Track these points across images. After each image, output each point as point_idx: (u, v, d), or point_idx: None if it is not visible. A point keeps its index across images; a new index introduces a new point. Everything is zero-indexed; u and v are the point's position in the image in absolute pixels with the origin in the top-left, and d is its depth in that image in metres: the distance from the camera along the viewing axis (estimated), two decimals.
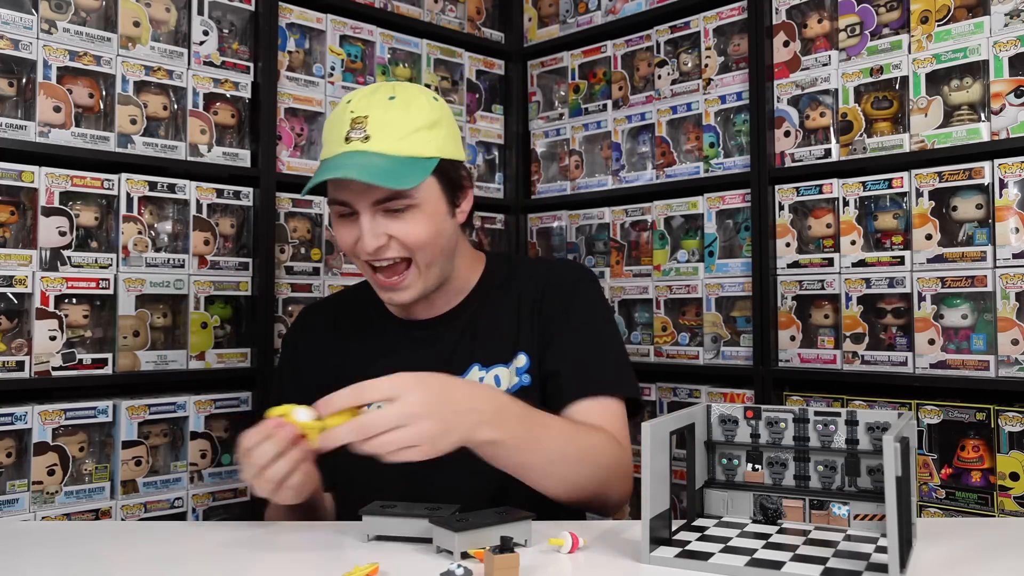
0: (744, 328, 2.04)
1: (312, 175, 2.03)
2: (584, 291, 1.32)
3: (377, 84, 1.24)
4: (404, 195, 1.16)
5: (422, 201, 1.18)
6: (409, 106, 1.18)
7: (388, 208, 1.17)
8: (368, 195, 1.16)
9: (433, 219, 1.20)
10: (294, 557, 0.99)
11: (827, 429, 1.05)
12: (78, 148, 1.71)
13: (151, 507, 1.77)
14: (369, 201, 1.16)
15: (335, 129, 1.19)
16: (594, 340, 1.28)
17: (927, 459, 1.71)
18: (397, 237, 1.18)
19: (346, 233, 1.21)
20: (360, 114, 1.16)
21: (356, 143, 1.15)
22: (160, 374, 1.81)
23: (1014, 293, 1.62)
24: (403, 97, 1.19)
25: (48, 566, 0.96)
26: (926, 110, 1.76)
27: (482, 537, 0.93)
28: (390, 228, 1.18)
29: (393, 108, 1.17)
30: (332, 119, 1.21)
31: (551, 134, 2.49)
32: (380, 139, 1.15)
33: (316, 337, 1.39)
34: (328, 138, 1.21)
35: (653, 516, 0.92)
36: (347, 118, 1.17)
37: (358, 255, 1.22)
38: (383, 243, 1.18)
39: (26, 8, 1.67)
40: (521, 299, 1.31)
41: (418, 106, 1.19)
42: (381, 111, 1.17)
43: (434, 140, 1.19)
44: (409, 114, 1.18)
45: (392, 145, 1.15)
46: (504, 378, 1.27)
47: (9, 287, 1.61)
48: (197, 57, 1.89)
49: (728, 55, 2.12)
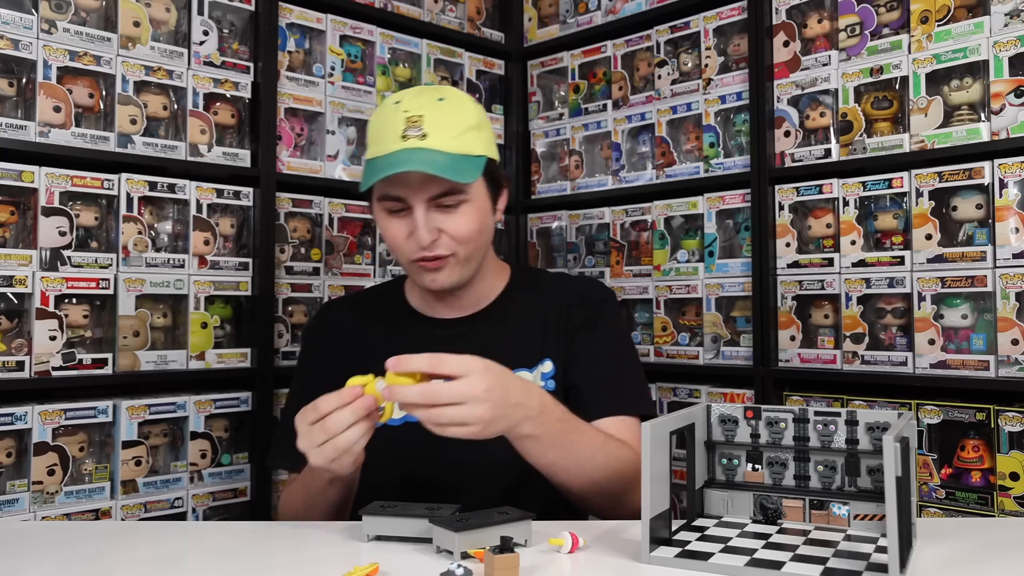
0: (744, 328, 2.04)
1: (311, 174, 2.06)
2: (610, 311, 1.39)
3: (421, 87, 1.30)
4: (458, 190, 1.22)
5: (472, 197, 1.24)
6: (457, 107, 1.25)
7: (441, 203, 1.22)
8: (425, 190, 1.21)
9: (480, 215, 1.26)
10: (294, 557, 0.99)
11: (827, 429, 1.05)
12: (78, 148, 1.71)
13: (151, 507, 1.77)
14: (425, 196, 1.21)
15: (388, 128, 1.22)
16: (618, 360, 1.35)
17: (927, 459, 1.71)
18: (447, 231, 1.23)
19: (397, 228, 1.25)
20: (415, 113, 1.21)
21: (414, 140, 1.19)
22: (160, 374, 1.81)
23: (1014, 293, 1.62)
24: (450, 99, 1.25)
25: (48, 566, 0.96)
26: (926, 110, 1.76)
27: (482, 537, 0.94)
28: (441, 223, 1.23)
29: (444, 108, 1.23)
30: (382, 119, 1.25)
31: (551, 134, 2.49)
32: (437, 137, 1.20)
33: (339, 330, 1.41)
34: (379, 137, 1.24)
35: (653, 516, 0.92)
36: (401, 117, 1.21)
37: (404, 250, 1.26)
38: (436, 236, 1.23)
39: (26, 8, 1.67)
40: (548, 307, 1.36)
41: (465, 107, 1.26)
42: (433, 111, 1.22)
43: (481, 140, 1.25)
44: (459, 114, 1.24)
45: (448, 143, 1.20)
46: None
47: (9, 287, 1.61)
48: (197, 57, 1.90)
49: (728, 55, 2.12)
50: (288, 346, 2.02)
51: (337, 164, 2.14)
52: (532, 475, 1.29)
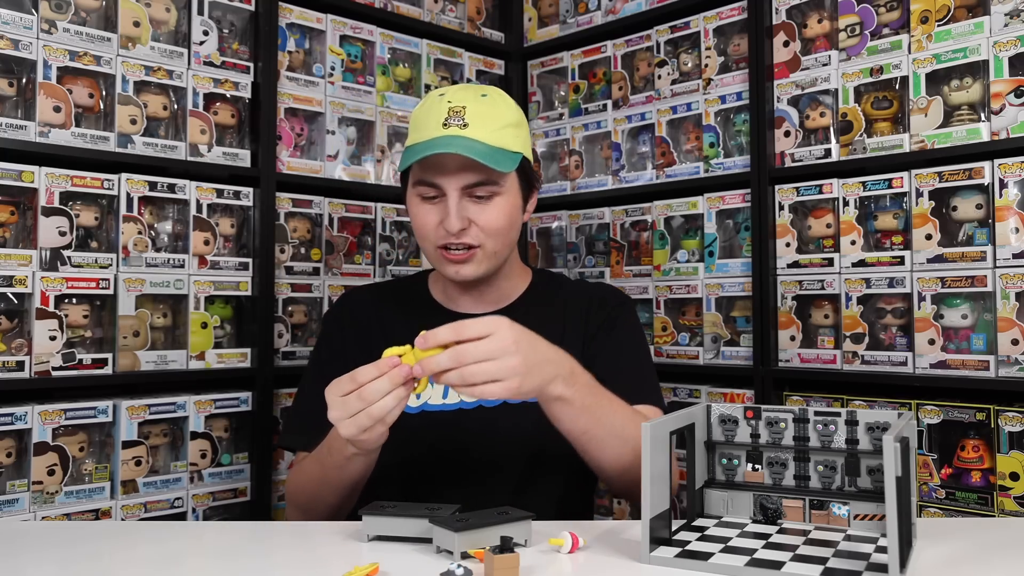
0: (744, 328, 2.04)
1: (311, 174, 2.06)
2: (628, 314, 1.42)
3: (465, 84, 1.34)
4: (493, 181, 1.24)
5: (506, 191, 1.26)
6: (499, 104, 1.28)
7: (475, 193, 1.24)
8: (461, 178, 1.23)
9: (511, 210, 1.28)
10: (294, 557, 0.99)
11: (827, 429, 1.05)
12: (78, 148, 1.71)
13: (151, 507, 1.77)
14: (460, 184, 1.23)
15: (431, 116, 1.25)
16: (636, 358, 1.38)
17: (927, 459, 1.71)
18: (478, 222, 1.25)
19: (427, 215, 1.27)
20: (458, 104, 1.24)
21: (455, 128, 1.22)
22: (160, 374, 1.81)
23: (1014, 293, 1.62)
24: (493, 96, 1.29)
25: (48, 566, 0.96)
26: (926, 110, 1.76)
27: (482, 537, 0.94)
28: (472, 213, 1.25)
29: (486, 103, 1.26)
30: (425, 109, 1.28)
31: (551, 134, 2.49)
32: (477, 127, 1.22)
33: (361, 317, 1.42)
34: (421, 124, 1.27)
35: (653, 516, 0.92)
36: (444, 107, 1.24)
37: (432, 237, 1.27)
38: (465, 226, 1.24)
39: (26, 8, 1.67)
40: (567, 307, 1.39)
41: (506, 105, 1.29)
42: (475, 104, 1.25)
43: (519, 138, 1.28)
44: (500, 111, 1.27)
45: (488, 135, 1.23)
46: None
47: (9, 287, 1.61)
48: (197, 57, 1.90)
49: (728, 55, 2.12)
50: (288, 346, 2.02)
51: (337, 164, 2.14)
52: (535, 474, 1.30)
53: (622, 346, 1.36)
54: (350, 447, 1.09)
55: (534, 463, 1.30)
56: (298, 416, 1.37)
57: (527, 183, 1.33)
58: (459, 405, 1.31)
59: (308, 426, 1.27)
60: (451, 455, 1.29)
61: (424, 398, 1.31)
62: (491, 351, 0.98)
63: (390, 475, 1.25)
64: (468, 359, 0.98)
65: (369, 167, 2.20)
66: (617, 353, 1.35)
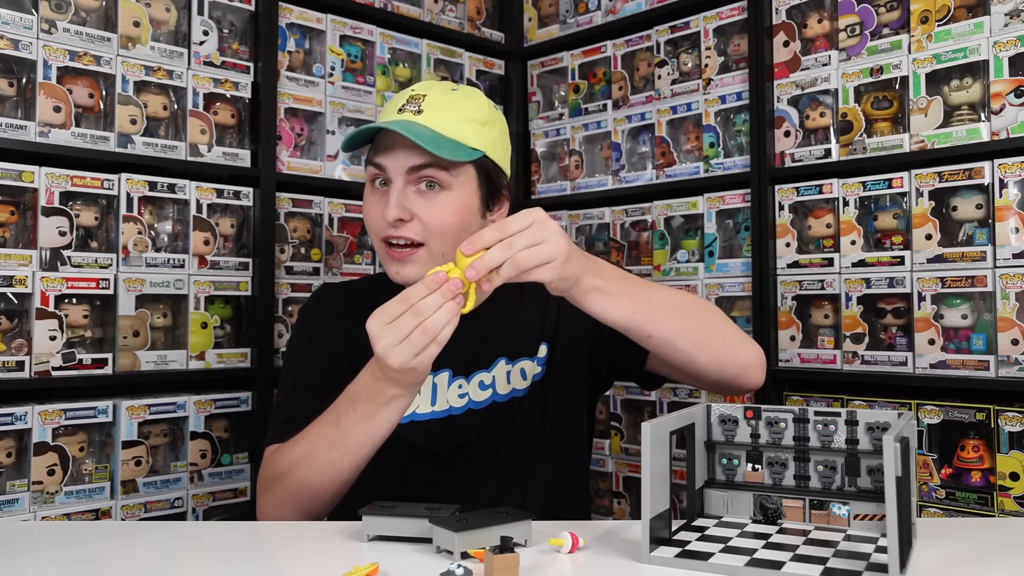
0: (744, 328, 2.04)
1: (311, 174, 2.06)
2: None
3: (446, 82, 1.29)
4: (441, 168, 1.17)
5: (456, 187, 1.19)
6: (467, 99, 1.23)
7: (421, 178, 1.18)
8: (404, 160, 1.17)
9: (460, 209, 1.20)
10: (294, 557, 0.99)
11: (827, 429, 1.05)
12: (78, 148, 1.71)
13: (151, 507, 1.77)
14: (404, 167, 1.17)
15: (391, 105, 1.23)
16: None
17: (927, 459, 1.71)
18: (420, 216, 1.18)
19: (374, 204, 1.22)
20: (419, 92, 1.21)
21: (408, 114, 1.18)
22: (160, 374, 1.81)
23: (1014, 293, 1.62)
24: (464, 92, 1.24)
25: (48, 566, 0.96)
26: (926, 110, 1.76)
27: (482, 537, 0.93)
28: (416, 205, 1.18)
29: (452, 96, 1.21)
30: (391, 100, 1.25)
31: (551, 134, 2.49)
32: (432, 116, 1.18)
33: (338, 312, 1.37)
34: (383, 113, 1.24)
35: (653, 516, 0.92)
36: (405, 95, 1.21)
37: (374, 227, 1.22)
38: (405, 217, 1.17)
39: (26, 8, 1.67)
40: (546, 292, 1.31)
41: (476, 103, 1.23)
42: (439, 94, 1.21)
43: (483, 136, 1.21)
44: (467, 105, 1.21)
45: (442, 124, 1.18)
46: (529, 371, 1.29)
47: (9, 287, 1.61)
48: (197, 57, 1.90)
49: (728, 55, 2.12)
50: None
51: (337, 164, 2.14)
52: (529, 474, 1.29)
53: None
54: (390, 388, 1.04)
55: (528, 464, 1.30)
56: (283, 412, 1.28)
57: (489, 187, 1.24)
58: (448, 412, 1.28)
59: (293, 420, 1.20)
60: (443, 462, 1.28)
61: (412, 407, 1.28)
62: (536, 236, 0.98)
63: (384, 484, 1.24)
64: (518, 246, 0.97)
65: None
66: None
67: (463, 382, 1.28)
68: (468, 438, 1.28)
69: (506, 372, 1.29)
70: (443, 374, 1.29)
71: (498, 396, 1.28)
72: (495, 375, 1.29)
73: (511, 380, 1.29)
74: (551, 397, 1.30)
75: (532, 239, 0.98)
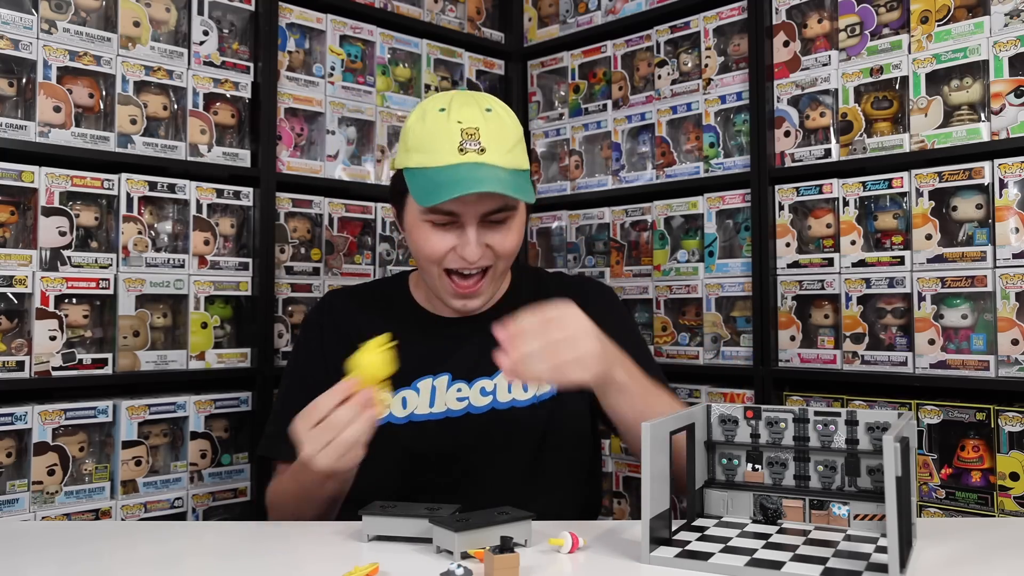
0: (744, 328, 2.04)
1: (311, 174, 2.06)
2: (618, 305, 1.42)
3: (462, 94, 1.25)
4: (511, 207, 1.21)
5: (519, 212, 1.24)
6: (505, 119, 1.23)
7: (493, 219, 1.21)
8: (480, 207, 1.18)
9: (521, 229, 1.26)
10: (294, 557, 0.99)
11: (827, 429, 1.05)
12: (78, 148, 1.71)
13: (151, 507, 1.77)
14: (480, 212, 1.19)
15: (440, 138, 1.18)
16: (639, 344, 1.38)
17: (927, 459, 1.71)
18: (493, 246, 1.22)
19: (439, 242, 1.21)
20: (470, 125, 1.18)
21: (472, 154, 1.17)
22: (160, 374, 1.81)
23: (1014, 293, 1.62)
24: (496, 110, 1.23)
25: (48, 566, 0.96)
26: (926, 110, 1.76)
27: (482, 537, 0.94)
28: (488, 238, 1.21)
29: (494, 120, 1.21)
30: (433, 128, 1.20)
31: (551, 134, 2.49)
32: (494, 152, 1.18)
33: (341, 322, 1.38)
34: (431, 147, 1.19)
35: (653, 516, 0.92)
36: (455, 128, 1.18)
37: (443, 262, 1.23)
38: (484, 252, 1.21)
39: (26, 8, 1.67)
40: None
41: (511, 120, 1.25)
42: (486, 123, 1.20)
43: (524, 152, 1.25)
44: (507, 128, 1.22)
45: (504, 158, 1.19)
46: (531, 385, 1.28)
47: (9, 287, 1.61)
48: (197, 57, 1.90)
49: (728, 55, 2.12)
50: (288, 346, 2.02)
51: (337, 164, 2.14)
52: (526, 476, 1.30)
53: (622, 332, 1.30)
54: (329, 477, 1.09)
55: (525, 467, 1.30)
56: (275, 424, 1.34)
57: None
58: (446, 413, 1.28)
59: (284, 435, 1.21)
60: (440, 463, 1.28)
61: (410, 408, 1.29)
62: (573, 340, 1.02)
63: (381, 486, 1.24)
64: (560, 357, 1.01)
65: (369, 167, 2.20)
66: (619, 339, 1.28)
67: (463, 386, 1.29)
68: (465, 443, 1.28)
69: (507, 384, 1.29)
70: (443, 377, 1.29)
71: (498, 404, 1.28)
72: (497, 383, 1.29)
73: (512, 390, 1.29)
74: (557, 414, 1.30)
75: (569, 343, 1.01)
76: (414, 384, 1.29)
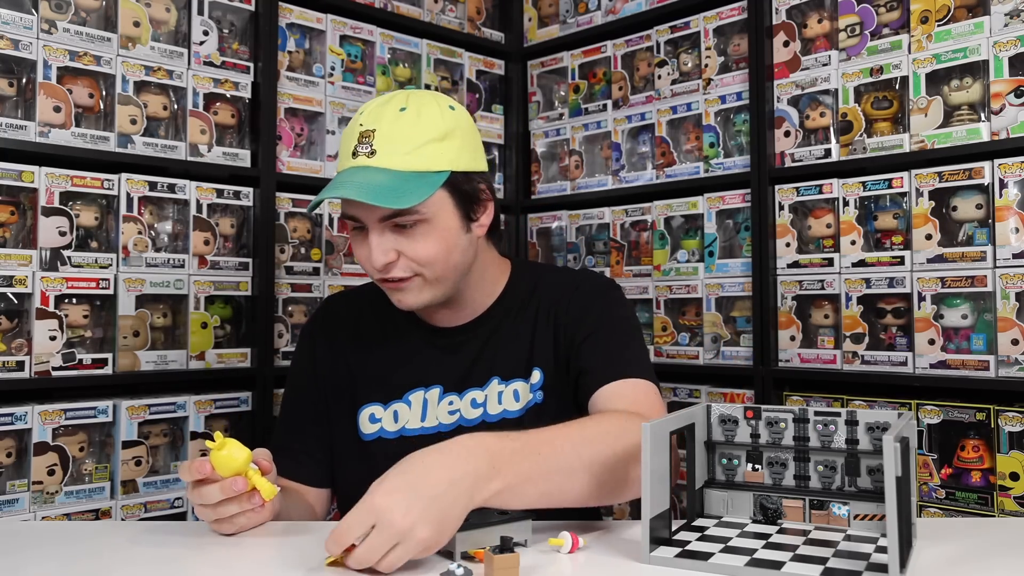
0: (744, 328, 2.04)
1: (311, 174, 2.06)
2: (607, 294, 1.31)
3: (392, 94, 1.21)
4: (411, 211, 1.13)
5: (432, 216, 1.15)
6: (420, 117, 1.15)
7: (396, 223, 1.14)
8: (374, 211, 1.14)
9: (444, 235, 1.16)
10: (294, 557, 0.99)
11: (827, 429, 1.05)
12: (78, 148, 1.71)
13: (151, 507, 1.77)
14: (376, 217, 1.14)
15: (346, 143, 1.17)
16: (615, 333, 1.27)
17: (927, 459, 1.71)
18: (405, 253, 1.15)
19: (359, 247, 1.20)
20: (368, 127, 1.14)
21: (362, 158, 1.13)
22: (160, 374, 1.81)
23: (1014, 293, 1.62)
24: (415, 108, 1.16)
25: (48, 566, 0.96)
26: (926, 110, 1.76)
27: (482, 537, 0.93)
28: (399, 244, 1.15)
29: (402, 120, 1.14)
30: (346, 131, 1.19)
31: (551, 134, 2.49)
32: (385, 154, 1.12)
33: (338, 331, 1.36)
34: (341, 151, 1.20)
35: (653, 516, 0.92)
36: (356, 130, 1.15)
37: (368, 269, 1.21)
38: (392, 259, 1.15)
39: (26, 8, 1.67)
40: (539, 312, 1.29)
41: (429, 117, 1.16)
42: (389, 124, 1.14)
43: (446, 152, 1.15)
44: (419, 126, 1.15)
45: (398, 160, 1.12)
46: (522, 393, 1.26)
47: (9, 287, 1.61)
48: (197, 57, 1.90)
49: (728, 55, 2.12)
50: (288, 346, 2.02)
51: (337, 164, 2.13)
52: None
53: (600, 325, 1.26)
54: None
55: None
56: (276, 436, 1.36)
57: (466, 199, 1.18)
58: (437, 428, 1.26)
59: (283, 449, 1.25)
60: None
61: (402, 422, 1.27)
62: (391, 536, 0.86)
63: None
64: (374, 558, 0.87)
65: None
66: (596, 336, 1.25)
67: (455, 398, 1.27)
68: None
69: (498, 392, 1.27)
70: (434, 390, 1.28)
71: (488, 416, 1.27)
72: (487, 394, 1.28)
73: (503, 401, 1.27)
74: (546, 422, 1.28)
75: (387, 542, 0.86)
76: (405, 397, 1.28)
